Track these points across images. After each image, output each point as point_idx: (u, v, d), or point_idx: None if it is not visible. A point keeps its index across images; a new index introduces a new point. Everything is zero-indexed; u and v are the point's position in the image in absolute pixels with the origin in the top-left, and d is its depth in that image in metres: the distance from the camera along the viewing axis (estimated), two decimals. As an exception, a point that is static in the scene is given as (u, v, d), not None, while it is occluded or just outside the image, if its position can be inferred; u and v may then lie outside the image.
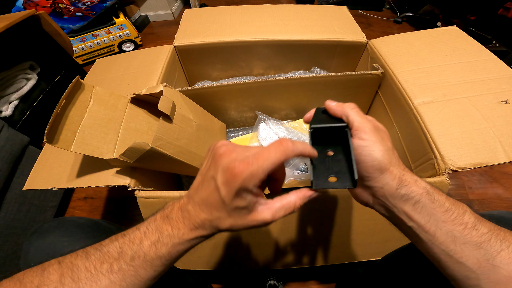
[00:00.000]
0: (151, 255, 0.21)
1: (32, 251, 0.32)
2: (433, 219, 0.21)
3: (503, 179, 0.83)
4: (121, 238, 0.22)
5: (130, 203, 0.82)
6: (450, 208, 0.21)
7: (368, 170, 0.23)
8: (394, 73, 0.55)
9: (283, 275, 0.63)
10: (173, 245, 0.22)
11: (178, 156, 0.43)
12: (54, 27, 0.90)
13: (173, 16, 1.79)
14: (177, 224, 0.22)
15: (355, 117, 0.24)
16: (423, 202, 0.22)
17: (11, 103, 0.83)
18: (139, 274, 0.21)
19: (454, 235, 0.21)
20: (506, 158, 0.40)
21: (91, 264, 0.21)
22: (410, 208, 0.22)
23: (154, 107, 0.42)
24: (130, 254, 0.21)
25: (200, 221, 0.22)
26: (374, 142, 0.23)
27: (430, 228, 0.21)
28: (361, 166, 0.23)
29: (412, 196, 0.22)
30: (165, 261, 0.22)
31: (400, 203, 0.22)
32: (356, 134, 0.24)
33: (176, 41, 0.69)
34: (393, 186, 0.22)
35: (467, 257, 0.20)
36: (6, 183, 0.64)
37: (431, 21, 1.50)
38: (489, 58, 0.54)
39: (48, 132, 0.34)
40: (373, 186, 0.23)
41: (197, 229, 0.22)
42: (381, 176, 0.23)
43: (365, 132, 0.23)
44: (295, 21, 0.73)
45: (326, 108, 0.27)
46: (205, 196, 0.21)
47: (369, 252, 0.50)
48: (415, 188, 0.22)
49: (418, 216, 0.22)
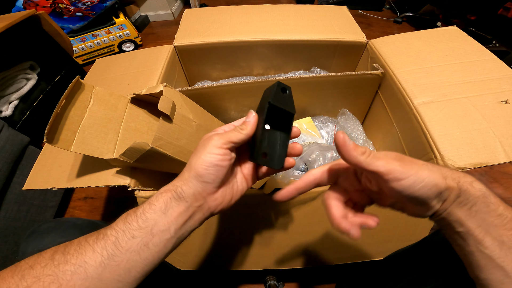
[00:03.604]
0: (134, 223, 0.22)
1: (30, 252, 0.32)
2: (485, 223, 0.20)
3: (503, 179, 0.83)
4: None
5: (130, 203, 0.82)
6: (503, 213, 0.20)
7: (430, 197, 0.20)
8: (394, 73, 0.55)
9: (283, 275, 0.63)
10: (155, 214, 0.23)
11: (178, 156, 0.43)
12: (54, 27, 0.90)
13: (173, 16, 1.79)
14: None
15: (377, 164, 0.21)
16: (479, 206, 0.21)
17: (11, 103, 0.83)
18: (119, 242, 0.21)
19: (503, 240, 0.20)
20: (506, 158, 0.40)
21: (84, 237, 0.22)
22: (464, 213, 0.21)
23: (154, 107, 0.42)
24: (117, 220, 0.23)
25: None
26: (416, 172, 0.20)
27: (480, 233, 0.21)
28: (420, 199, 0.21)
29: (470, 200, 0.21)
30: (145, 232, 0.22)
31: (456, 209, 0.21)
32: (392, 179, 0.20)
33: (176, 41, 0.69)
34: (453, 198, 0.21)
35: (509, 262, 0.20)
36: (6, 183, 0.64)
37: (431, 21, 1.50)
38: (489, 58, 0.54)
39: (48, 132, 0.34)
40: (433, 206, 0.21)
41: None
42: (441, 195, 0.21)
43: (400, 172, 0.20)
44: (295, 21, 0.73)
45: (341, 150, 0.22)
46: None
47: (369, 252, 0.50)
48: (472, 191, 0.21)
49: (471, 221, 0.21)
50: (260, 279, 0.63)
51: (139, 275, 0.22)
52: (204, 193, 0.25)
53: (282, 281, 0.63)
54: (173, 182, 0.25)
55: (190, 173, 0.24)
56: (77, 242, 0.22)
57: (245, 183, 0.29)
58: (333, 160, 0.61)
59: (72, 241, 0.22)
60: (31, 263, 0.21)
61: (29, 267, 0.20)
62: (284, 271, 0.56)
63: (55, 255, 0.21)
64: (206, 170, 0.24)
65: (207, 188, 0.25)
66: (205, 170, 0.24)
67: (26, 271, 0.20)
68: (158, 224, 0.23)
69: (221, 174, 0.25)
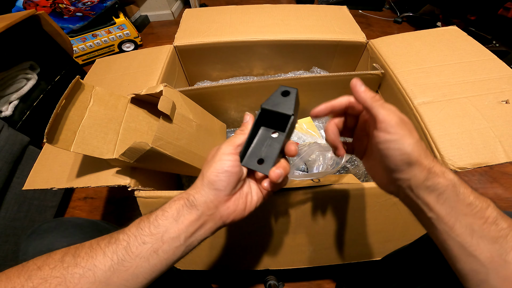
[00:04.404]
0: (146, 229, 0.22)
1: (31, 252, 0.32)
2: (454, 211, 0.21)
3: (503, 179, 0.83)
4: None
5: (130, 203, 0.82)
6: (473, 202, 0.21)
7: (397, 164, 0.23)
8: (394, 73, 0.55)
9: (283, 275, 0.63)
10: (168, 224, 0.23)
11: (178, 156, 0.43)
12: (54, 27, 0.90)
13: (173, 16, 1.79)
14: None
15: (379, 110, 0.23)
16: (448, 194, 0.22)
17: (11, 103, 0.83)
18: (130, 248, 0.21)
19: (473, 228, 0.20)
20: (506, 158, 0.40)
21: (95, 240, 0.22)
22: (433, 199, 0.22)
23: (154, 107, 0.42)
24: (130, 224, 0.23)
25: None
26: (402, 136, 0.22)
27: (449, 220, 0.21)
28: (390, 159, 0.23)
29: (438, 188, 0.22)
30: (156, 238, 0.22)
31: (424, 194, 0.22)
32: (381, 128, 0.23)
33: (176, 41, 0.69)
34: (421, 178, 0.22)
35: (481, 251, 0.20)
36: (6, 183, 0.64)
37: (431, 21, 1.50)
38: (489, 58, 0.54)
39: (48, 132, 0.34)
40: (400, 178, 0.23)
41: None
42: (410, 168, 0.22)
43: (392, 125, 0.22)
44: (295, 21, 0.73)
45: (353, 91, 0.26)
46: None
47: (369, 252, 0.50)
48: (442, 180, 0.22)
49: (440, 207, 0.22)
50: (260, 279, 0.63)
51: (145, 281, 0.22)
52: (216, 201, 0.25)
53: (282, 281, 0.63)
54: (187, 190, 0.25)
55: (203, 181, 0.25)
56: (88, 245, 0.22)
57: (260, 195, 0.28)
58: (333, 160, 0.61)
59: (84, 244, 0.22)
60: (40, 264, 0.20)
61: (37, 268, 0.20)
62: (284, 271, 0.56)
63: (65, 257, 0.21)
64: (217, 176, 0.24)
65: (219, 195, 0.25)
66: (216, 176, 0.24)
67: (34, 271, 0.20)
68: (169, 231, 0.23)
69: (232, 181, 0.25)
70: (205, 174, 0.25)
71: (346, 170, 0.64)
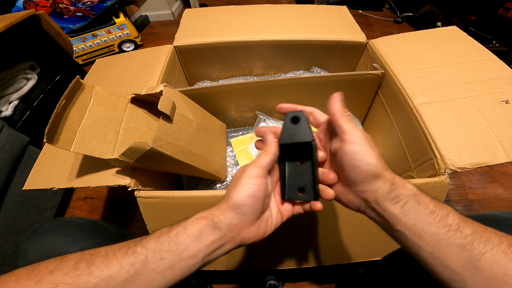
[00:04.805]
0: (166, 244, 0.22)
1: (31, 251, 0.32)
2: (419, 222, 0.21)
3: (503, 179, 0.83)
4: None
5: (130, 203, 0.82)
6: (434, 210, 0.21)
7: (362, 175, 0.23)
8: (394, 73, 0.55)
9: (283, 275, 0.63)
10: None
11: (178, 156, 0.43)
12: (54, 27, 0.90)
13: (173, 16, 1.79)
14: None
15: (345, 124, 0.24)
16: (410, 204, 0.22)
17: (11, 103, 0.83)
18: (148, 262, 0.21)
19: (439, 238, 0.21)
20: (506, 158, 0.40)
21: (111, 248, 0.22)
22: (398, 211, 0.22)
23: (154, 107, 0.42)
24: (149, 237, 0.23)
25: None
26: (367, 148, 0.23)
27: (416, 231, 0.22)
28: (355, 171, 0.23)
29: (401, 198, 0.22)
30: (174, 255, 0.22)
31: (389, 206, 0.23)
32: (348, 140, 0.24)
33: (176, 41, 0.69)
34: (385, 190, 0.23)
35: (452, 260, 0.20)
36: (6, 183, 0.64)
37: (431, 21, 1.50)
38: (489, 58, 0.54)
39: (48, 132, 0.34)
40: (366, 190, 0.24)
41: None
42: (375, 180, 0.23)
43: (357, 137, 0.23)
44: (295, 21, 0.73)
45: (330, 100, 0.27)
46: None
47: (369, 252, 0.50)
48: (403, 190, 0.23)
49: (406, 219, 0.22)
50: (260, 279, 0.63)
51: None
52: (240, 225, 0.24)
53: (282, 281, 0.63)
54: (211, 210, 0.25)
55: (228, 204, 0.24)
56: (104, 253, 0.22)
57: (280, 218, 0.29)
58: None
59: (99, 251, 0.22)
60: (52, 268, 0.20)
61: (48, 271, 0.20)
62: (284, 271, 0.56)
63: (79, 264, 0.20)
64: (243, 201, 0.24)
65: (244, 220, 0.24)
66: (242, 201, 0.24)
67: (45, 275, 0.20)
68: (188, 249, 0.23)
69: (258, 205, 0.25)
70: (231, 197, 0.24)
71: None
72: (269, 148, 0.27)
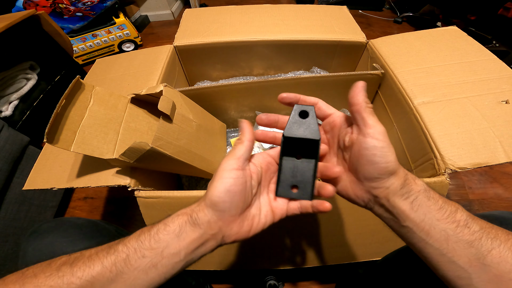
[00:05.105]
0: (146, 242, 0.22)
1: (31, 252, 0.32)
2: (428, 218, 0.21)
3: (503, 179, 0.83)
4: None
5: (130, 203, 0.82)
6: (443, 206, 0.21)
7: (380, 172, 0.23)
8: (394, 73, 0.55)
9: (283, 275, 0.63)
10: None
11: (178, 156, 0.43)
12: (54, 27, 0.90)
13: (173, 16, 1.79)
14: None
15: (369, 116, 0.23)
16: (420, 199, 0.22)
17: (11, 103, 0.83)
18: (129, 260, 0.21)
19: (447, 234, 0.21)
20: (506, 158, 0.40)
21: (95, 250, 0.22)
22: (408, 207, 0.22)
23: (154, 107, 0.42)
24: (131, 236, 0.23)
25: None
26: (388, 144, 0.23)
27: (424, 227, 0.21)
28: (373, 167, 0.23)
29: (411, 194, 0.22)
30: (156, 252, 0.22)
31: (399, 202, 0.22)
32: (369, 134, 0.23)
33: (176, 41, 0.69)
34: (398, 186, 0.23)
35: (459, 256, 0.20)
36: (6, 183, 0.64)
37: (431, 21, 1.50)
38: (489, 58, 0.54)
39: (48, 132, 0.34)
40: (379, 186, 0.23)
41: None
42: (390, 176, 0.23)
43: (380, 132, 0.23)
44: (295, 21, 0.73)
45: (352, 90, 0.25)
46: None
47: (369, 252, 0.50)
48: (414, 186, 0.23)
49: (415, 214, 0.22)
50: (260, 279, 0.63)
51: None
52: (219, 222, 0.24)
53: (282, 281, 0.63)
54: (192, 206, 0.25)
55: (206, 201, 0.24)
56: (88, 255, 0.22)
57: (270, 217, 0.27)
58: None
59: (84, 253, 0.22)
60: (36, 272, 0.20)
61: (33, 275, 0.20)
62: (284, 271, 0.56)
63: (62, 267, 0.21)
64: (219, 197, 0.23)
65: (223, 216, 0.24)
66: (218, 197, 0.23)
67: (28, 279, 0.20)
68: (169, 247, 0.22)
69: (236, 200, 0.24)
70: (208, 193, 0.24)
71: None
72: (244, 136, 0.26)
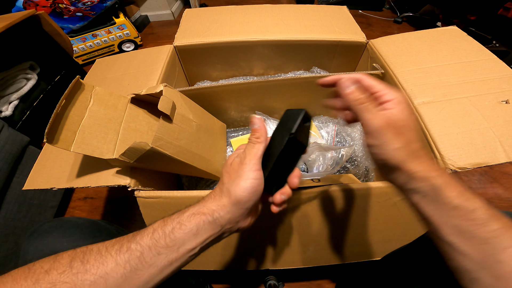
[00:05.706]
0: (161, 241, 0.22)
1: (31, 251, 0.32)
2: (439, 213, 0.22)
3: (503, 179, 0.83)
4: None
5: (130, 203, 0.82)
6: (459, 205, 0.21)
7: (379, 166, 0.25)
8: (394, 73, 0.55)
9: (283, 275, 0.63)
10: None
11: (178, 156, 0.43)
12: (54, 27, 0.90)
13: (173, 16, 1.79)
14: None
15: (363, 115, 0.24)
16: (431, 196, 0.22)
17: (11, 103, 0.83)
18: (144, 258, 0.21)
19: (460, 230, 0.21)
20: (506, 158, 0.40)
21: (104, 246, 0.22)
22: (418, 200, 0.23)
23: (154, 107, 0.42)
24: (142, 233, 0.23)
25: None
26: (384, 142, 0.23)
27: (436, 220, 0.22)
28: (373, 161, 0.25)
29: (419, 191, 0.22)
30: (171, 250, 0.22)
31: (410, 194, 0.23)
32: (365, 132, 0.24)
33: (176, 41, 0.69)
34: (400, 182, 0.24)
35: (471, 251, 0.20)
36: (6, 183, 0.64)
37: (431, 21, 1.50)
38: (489, 58, 0.54)
39: (48, 132, 0.34)
40: (389, 178, 0.25)
41: None
42: (390, 171, 0.24)
43: (374, 130, 0.23)
44: (295, 21, 0.73)
45: (340, 93, 0.26)
46: None
47: (369, 252, 0.50)
48: (422, 184, 0.22)
49: (427, 208, 0.22)
50: (260, 279, 0.63)
51: (155, 286, 0.23)
52: (239, 218, 0.25)
53: (282, 281, 0.63)
54: (208, 205, 0.25)
55: (231, 199, 0.24)
56: (96, 250, 0.22)
57: (260, 207, 0.30)
58: (333, 160, 0.61)
59: (91, 249, 0.22)
60: (47, 268, 0.20)
61: (44, 271, 0.20)
62: (284, 271, 0.56)
63: (73, 263, 0.21)
64: (247, 197, 0.24)
65: (243, 213, 0.25)
66: (246, 197, 0.24)
67: (41, 275, 0.20)
68: (186, 244, 0.23)
69: (256, 199, 0.25)
70: (232, 191, 0.24)
71: (346, 170, 0.64)
72: (261, 135, 0.27)
